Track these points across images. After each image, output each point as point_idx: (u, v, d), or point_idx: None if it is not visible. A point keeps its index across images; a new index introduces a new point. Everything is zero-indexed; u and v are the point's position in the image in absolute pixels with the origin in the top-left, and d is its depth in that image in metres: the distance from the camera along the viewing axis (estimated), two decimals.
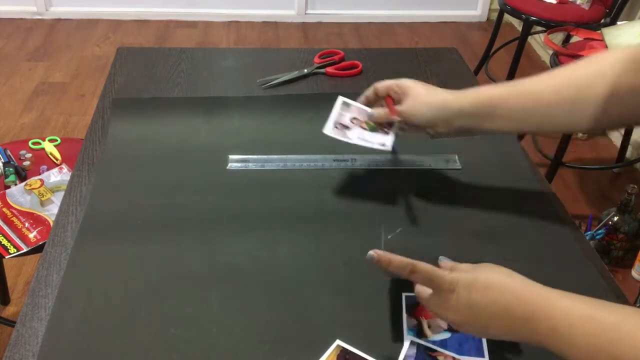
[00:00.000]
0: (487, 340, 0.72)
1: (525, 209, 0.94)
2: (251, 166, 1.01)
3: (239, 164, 1.01)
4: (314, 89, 1.24)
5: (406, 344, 0.71)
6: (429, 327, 0.73)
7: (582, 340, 0.58)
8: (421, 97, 0.89)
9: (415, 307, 0.76)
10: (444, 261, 0.74)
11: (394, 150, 0.99)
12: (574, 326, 0.59)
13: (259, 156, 1.03)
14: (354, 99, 1.00)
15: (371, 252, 0.70)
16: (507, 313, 0.63)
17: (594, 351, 0.58)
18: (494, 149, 1.08)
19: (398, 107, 0.91)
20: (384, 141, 0.94)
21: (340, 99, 1.00)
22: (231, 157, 1.02)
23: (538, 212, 0.94)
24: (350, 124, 0.96)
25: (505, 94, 0.86)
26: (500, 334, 0.64)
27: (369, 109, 0.97)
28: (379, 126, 0.96)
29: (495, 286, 0.64)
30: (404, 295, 0.77)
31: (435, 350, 0.71)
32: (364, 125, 0.96)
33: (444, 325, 0.73)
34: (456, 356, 0.71)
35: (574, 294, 0.62)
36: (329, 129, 0.95)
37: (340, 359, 0.70)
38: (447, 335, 0.72)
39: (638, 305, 1.85)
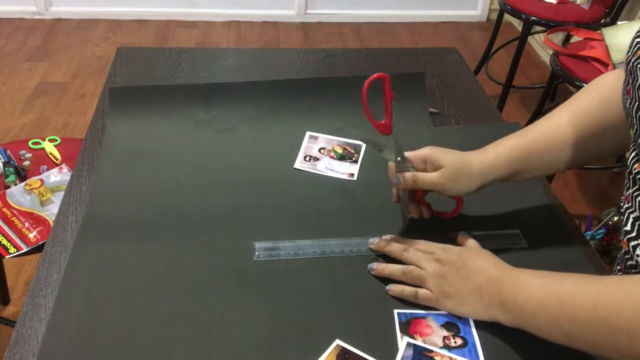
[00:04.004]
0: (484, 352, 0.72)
1: (525, 209, 0.94)
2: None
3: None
4: None
5: (402, 344, 0.71)
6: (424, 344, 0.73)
7: (541, 314, 0.67)
8: (459, 170, 0.83)
9: (408, 324, 0.75)
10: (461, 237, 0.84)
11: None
12: (535, 306, 0.68)
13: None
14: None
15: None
16: (480, 290, 0.73)
17: (550, 329, 0.67)
18: None
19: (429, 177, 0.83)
20: (352, 171, 1.01)
21: (308, 133, 1.08)
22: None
23: (538, 212, 0.94)
24: (318, 154, 1.03)
25: (532, 145, 0.86)
26: (473, 310, 0.73)
27: (335, 138, 1.06)
28: (345, 152, 1.03)
29: (473, 269, 0.74)
30: (395, 312, 0.76)
31: (432, 351, 0.71)
32: (332, 154, 1.03)
33: (439, 342, 0.73)
34: (453, 356, 0.71)
35: (541, 273, 0.70)
36: (298, 163, 1.01)
37: (339, 358, 0.70)
38: (443, 352, 0.72)
39: None
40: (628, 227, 0.74)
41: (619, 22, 2.24)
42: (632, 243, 0.73)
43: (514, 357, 0.71)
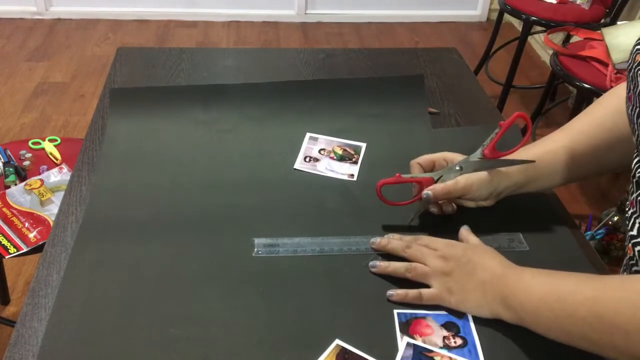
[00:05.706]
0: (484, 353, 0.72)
1: (525, 208, 0.94)
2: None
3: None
4: None
5: (402, 344, 0.71)
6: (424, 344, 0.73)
7: (544, 315, 0.67)
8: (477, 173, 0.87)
9: (408, 324, 0.75)
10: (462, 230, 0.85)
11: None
12: (537, 302, 0.68)
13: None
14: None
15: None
16: (483, 286, 0.73)
17: (550, 326, 0.67)
18: None
19: (456, 183, 0.86)
20: (352, 172, 1.01)
21: (307, 134, 1.08)
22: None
23: (538, 211, 0.94)
24: (318, 155, 1.03)
25: (544, 154, 0.89)
26: (476, 305, 0.74)
27: (335, 139, 1.06)
28: (346, 158, 1.03)
29: (478, 266, 0.75)
30: (395, 312, 0.76)
31: (432, 351, 0.71)
32: (332, 155, 1.03)
33: (439, 342, 0.73)
34: (453, 356, 0.71)
35: (544, 271, 0.72)
36: (298, 163, 1.01)
37: (339, 358, 0.70)
38: (443, 352, 0.72)
39: None
40: (634, 232, 0.74)
41: (619, 22, 2.24)
42: (638, 248, 0.73)
43: (514, 357, 0.71)
